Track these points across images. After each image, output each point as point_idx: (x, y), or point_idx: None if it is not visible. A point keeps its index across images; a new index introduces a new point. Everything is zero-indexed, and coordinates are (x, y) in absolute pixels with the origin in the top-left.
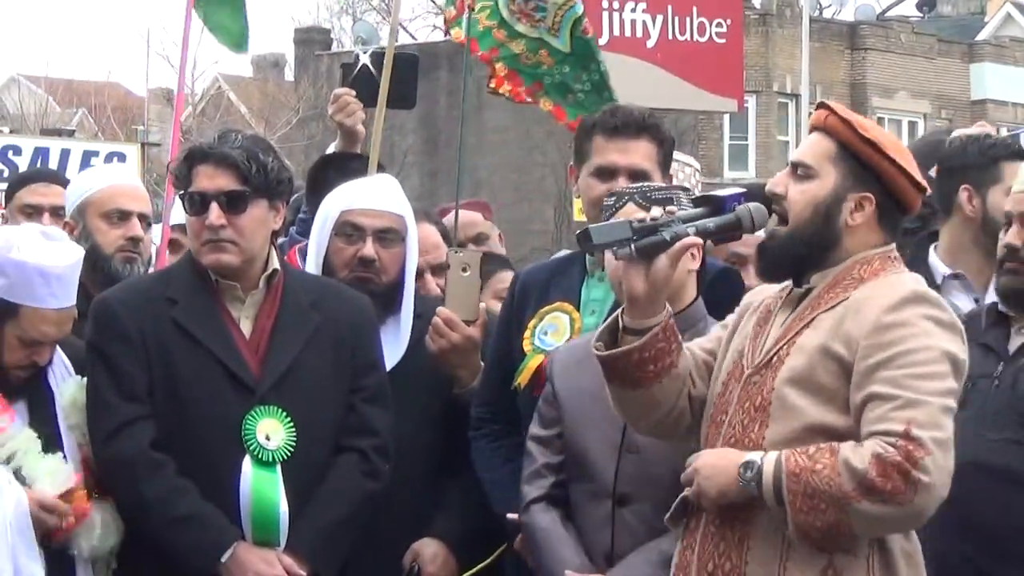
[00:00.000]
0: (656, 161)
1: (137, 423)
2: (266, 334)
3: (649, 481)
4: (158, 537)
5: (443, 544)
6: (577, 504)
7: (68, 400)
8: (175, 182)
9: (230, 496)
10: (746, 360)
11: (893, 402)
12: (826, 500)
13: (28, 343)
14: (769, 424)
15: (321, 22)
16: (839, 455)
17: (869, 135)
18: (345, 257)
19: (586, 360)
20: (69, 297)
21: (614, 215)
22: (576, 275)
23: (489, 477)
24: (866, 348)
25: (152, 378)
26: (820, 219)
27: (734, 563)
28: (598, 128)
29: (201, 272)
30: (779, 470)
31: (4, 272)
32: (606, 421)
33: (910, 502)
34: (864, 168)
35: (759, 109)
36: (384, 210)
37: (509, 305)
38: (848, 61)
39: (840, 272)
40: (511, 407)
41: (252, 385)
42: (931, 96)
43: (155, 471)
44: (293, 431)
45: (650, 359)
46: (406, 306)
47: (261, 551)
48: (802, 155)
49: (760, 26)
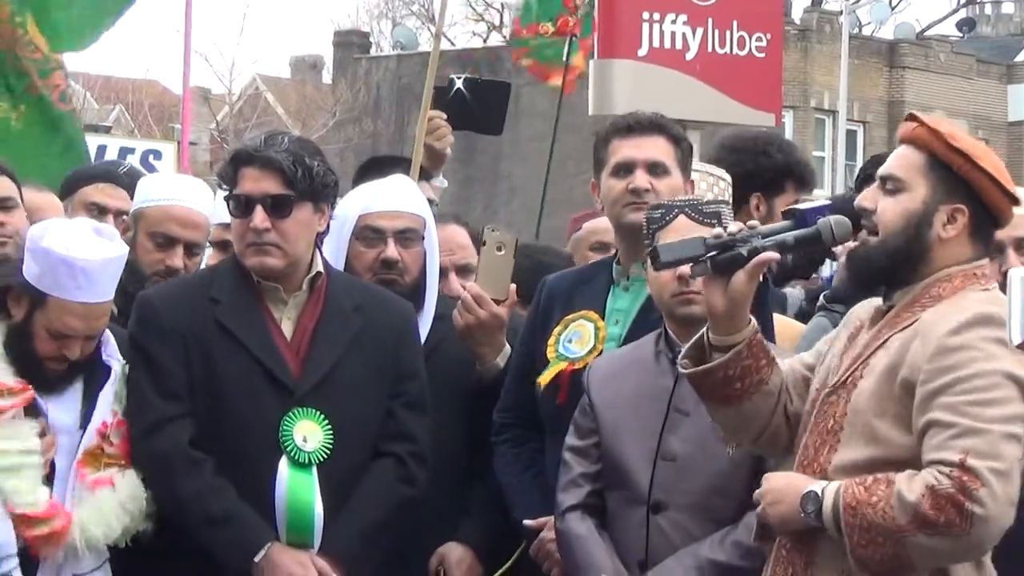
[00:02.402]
0: (674, 158)
1: (175, 421)
2: (307, 336)
3: (684, 489)
4: (193, 534)
5: (468, 548)
6: (612, 511)
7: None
8: (220, 182)
9: (266, 496)
10: (831, 378)
11: (951, 430)
12: (882, 533)
13: (55, 335)
14: (838, 448)
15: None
16: (894, 487)
17: (960, 145)
18: (367, 260)
19: (623, 371)
20: (99, 293)
21: (662, 227)
22: (602, 284)
23: (510, 482)
24: (928, 372)
25: (192, 376)
26: (912, 232)
27: None
28: (613, 133)
29: (245, 273)
30: (837, 502)
31: (36, 260)
32: (642, 430)
33: (966, 534)
34: (955, 179)
35: (796, 124)
36: (402, 211)
37: (535, 311)
38: (886, 79)
39: (919, 290)
40: (534, 413)
41: (291, 386)
42: (968, 116)
43: (192, 469)
44: (331, 434)
45: (736, 376)
46: (428, 304)
47: (295, 552)
48: (891, 168)
49: (800, 41)
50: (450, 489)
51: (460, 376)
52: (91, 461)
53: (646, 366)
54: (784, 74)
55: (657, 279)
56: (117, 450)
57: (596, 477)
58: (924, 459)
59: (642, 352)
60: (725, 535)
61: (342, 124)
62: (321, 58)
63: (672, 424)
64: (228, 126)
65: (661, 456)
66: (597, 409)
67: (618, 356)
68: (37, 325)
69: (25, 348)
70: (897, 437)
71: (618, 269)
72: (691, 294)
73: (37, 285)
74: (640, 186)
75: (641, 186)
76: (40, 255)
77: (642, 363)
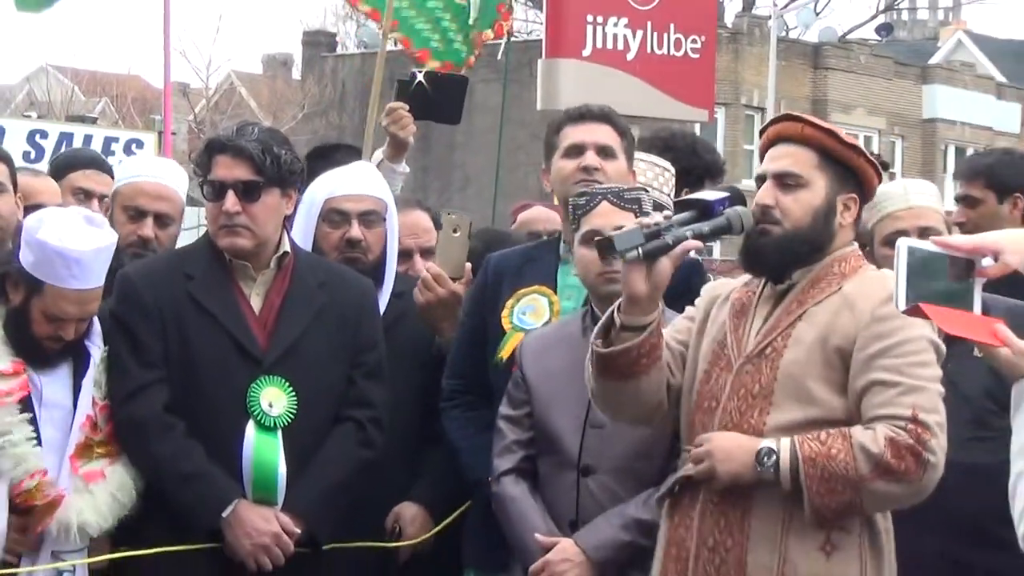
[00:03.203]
0: (620, 145)
1: (152, 387)
2: (274, 310)
3: (610, 454)
4: (166, 492)
5: (421, 507)
6: (545, 476)
7: (99, 363)
8: (196, 169)
9: (234, 458)
10: (731, 351)
11: (896, 388)
12: (843, 482)
13: (51, 318)
14: (770, 411)
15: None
16: (852, 440)
17: (851, 141)
18: (333, 240)
19: (553, 346)
20: (91, 280)
21: (588, 212)
22: (550, 261)
23: (463, 446)
24: (864, 339)
25: (167, 347)
26: (820, 223)
27: (736, 539)
28: (566, 120)
29: (217, 252)
30: (795, 456)
31: (32, 250)
32: (572, 400)
33: (919, 480)
34: (847, 171)
35: (728, 120)
36: (365, 194)
37: (482, 286)
38: (811, 79)
39: (820, 269)
40: (483, 380)
41: (259, 356)
42: (886, 114)
43: (165, 432)
44: (295, 400)
45: (644, 353)
46: (387, 281)
47: (260, 509)
48: (787, 167)
49: (731, 44)
50: (406, 454)
51: (417, 349)
52: (83, 453)
53: (574, 341)
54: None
55: (583, 259)
56: (105, 436)
57: (528, 444)
58: (869, 415)
59: (570, 328)
60: (648, 496)
61: (310, 117)
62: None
63: None
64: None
65: (589, 424)
66: (529, 381)
67: (548, 332)
68: (34, 309)
69: (23, 330)
70: (831, 399)
71: (565, 247)
72: (614, 273)
73: (33, 273)
74: (591, 164)
75: (592, 164)
76: (36, 246)
77: (570, 339)
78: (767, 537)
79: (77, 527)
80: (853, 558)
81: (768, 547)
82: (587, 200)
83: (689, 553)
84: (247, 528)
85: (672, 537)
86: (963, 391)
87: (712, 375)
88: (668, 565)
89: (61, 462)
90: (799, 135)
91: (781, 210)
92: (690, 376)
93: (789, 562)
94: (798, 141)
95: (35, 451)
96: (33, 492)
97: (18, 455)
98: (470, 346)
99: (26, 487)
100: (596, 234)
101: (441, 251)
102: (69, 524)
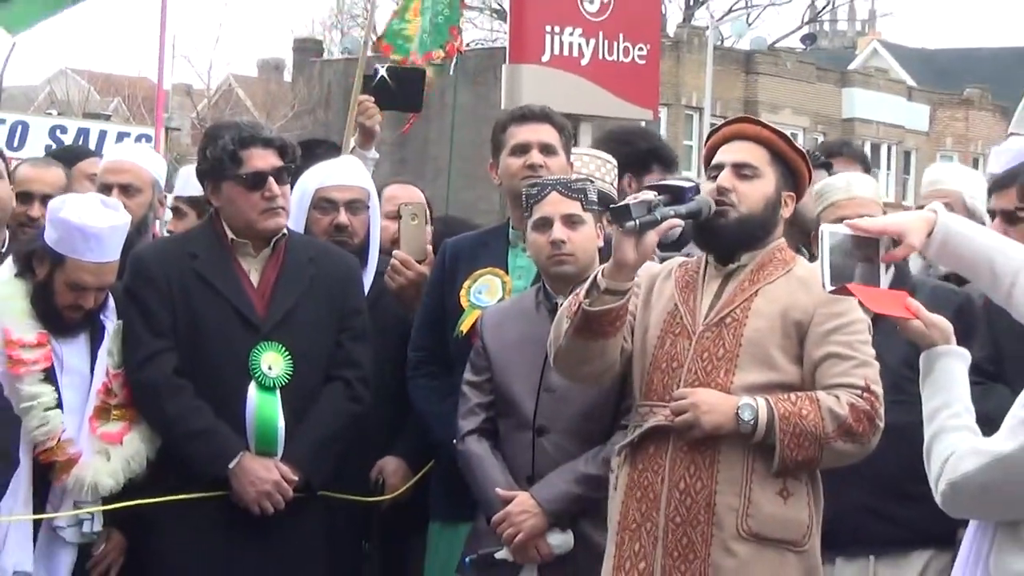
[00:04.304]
0: (560, 142)
1: (162, 354)
2: (271, 283)
3: (562, 416)
4: (178, 448)
5: (402, 460)
6: (504, 435)
7: (112, 335)
8: (220, 160)
9: (238, 415)
10: (686, 319)
11: (851, 361)
12: (810, 439)
13: (72, 288)
14: (736, 372)
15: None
16: (820, 403)
17: (799, 147)
18: (323, 226)
19: (510, 320)
20: (107, 253)
21: (539, 201)
22: (500, 245)
23: (430, 410)
24: (821, 316)
25: (175, 317)
26: (769, 211)
27: (704, 483)
28: (509, 121)
29: (219, 233)
30: (771, 414)
31: (55, 227)
32: (528, 367)
33: (868, 442)
34: (791, 172)
35: (670, 119)
36: (352, 184)
37: (441, 268)
38: (743, 82)
39: (766, 254)
40: (444, 352)
41: (258, 324)
42: (810, 114)
43: (176, 393)
44: (291, 362)
45: (618, 315)
46: (371, 260)
47: (262, 459)
48: (745, 158)
49: (673, 51)
50: (387, 415)
51: (398, 321)
52: (100, 415)
53: (528, 315)
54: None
55: (535, 243)
56: (121, 399)
57: (489, 407)
58: (828, 382)
59: (524, 303)
60: (596, 453)
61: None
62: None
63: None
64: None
65: (543, 389)
66: (489, 351)
67: (505, 307)
68: (57, 281)
69: (48, 301)
70: (786, 365)
71: (515, 233)
72: (563, 256)
73: (56, 248)
74: (536, 162)
75: (537, 162)
76: (59, 224)
77: (525, 313)
78: (733, 482)
79: (91, 485)
80: (803, 503)
81: (734, 491)
82: (538, 190)
83: (658, 495)
84: (251, 477)
85: (637, 481)
86: (885, 361)
87: (667, 340)
88: (630, 504)
89: (80, 422)
90: (755, 135)
91: (738, 195)
92: (639, 341)
93: (753, 504)
94: (754, 139)
95: (57, 414)
96: (54, 450)
97: (43, 417)
98: (431, 322)
99: (47, 446)
100: (546, 220)
101: (404, 239)
102: (83, 481)
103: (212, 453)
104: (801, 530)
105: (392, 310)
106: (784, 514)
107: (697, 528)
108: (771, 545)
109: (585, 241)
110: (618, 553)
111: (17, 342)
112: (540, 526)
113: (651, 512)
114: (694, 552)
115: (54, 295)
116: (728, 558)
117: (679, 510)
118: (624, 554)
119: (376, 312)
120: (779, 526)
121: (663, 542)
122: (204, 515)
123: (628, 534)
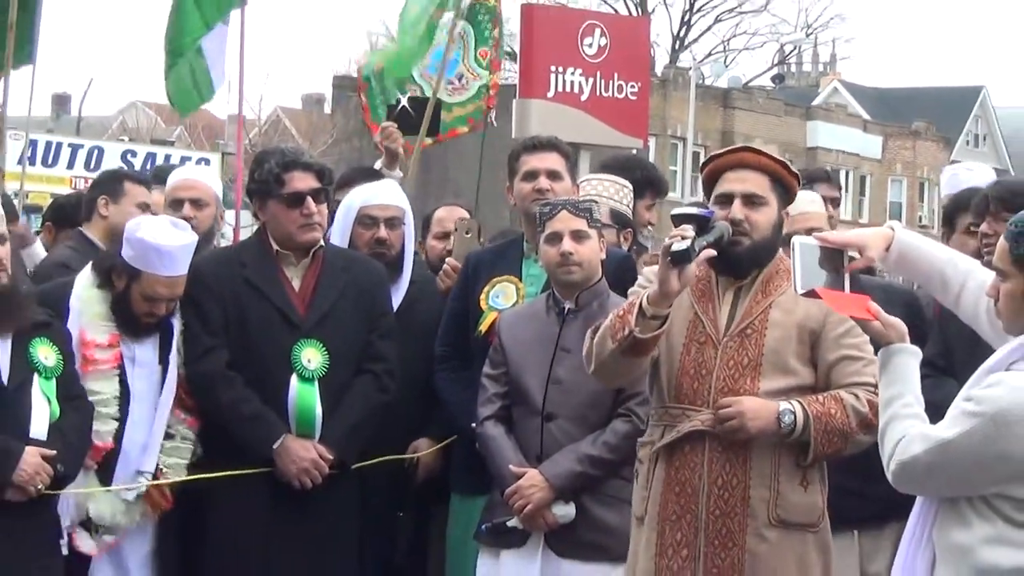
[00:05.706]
0: (566, 168)
1: (216, 350)
2: (310, 288)
3: (568, 404)
4: (230, 431)
5: (434, 441)
6: (517, 421)
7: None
8: (266, 181)
9: (281, 403)
10: (709, 329)
11: (861, 361)
12: (839, 435)
13: (147, 299)
14: (760, 379)
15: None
16: (844, 402)
17: (794, 170)
18: (365, 239)
19: (523, 321)
20: (177, 268)
21: (551, 218)
22: (515, 256)
23: (453, 399)
24: (832, 323)
25: (227, 318)
26: (775, 234)
27: (740, 478)
28: (522, 150)
29: (266, 245)
30: (807, 416)
31: (132, 246)
32: (538, 363)
33: (877, 432)
34: (787, 194)
35: (657, 148)
36: (391, 204)
37: (464, 276)
38: (722, 116)
39: (771, 267)
40: (466, 348)
41: (299, 323)
42: (779, 143)
43: (229, 383)
44: (328, 357)
45: (660, 337)
46: (405, 271)
47: (302, 441)
48: (753, 189)
49: (661, 89)
50: (417, 405)
51: (428, 325)
52: (179, 404)
53: (539, 317)
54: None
55: (546, 254)
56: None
57: (505, 396)
58: (844, 381)
59: (536, 307)
60: (597, 436)
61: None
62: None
63: (558, 358)
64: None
65: (552, 381)
66: (505, 348)
67: (519, 311)
68: (134, 293)
69: (126, 310)
70: (801, 369)
71: (528, 246)
72: (571, 266)
73: (133, 264)
74: (543, 187)
75: (544, 187)
76: (136, 243)
77: (536, 315)
78: (764, 475)
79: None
80: (817, 490)
81: (765, 484)
82: (550, 209)
83: (696, 490)
84: (292, 456)
85: (675, 478)
86: None
87: (692, 348)
88: (669, 498)
89: (149, 408)
90: (756, 163)
91: (750, 224)
92: (664, 347)
93: (781, 494)
94: (755, 168)
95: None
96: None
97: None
98: (455, 322)
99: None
100: (557, 235)
101: (457, 247)
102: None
103: (259, 435)
104: (817, 513)
105: (424, 313)
106: (805, 501)
107: (735, 519)
108: (795, 529)
109: (590, 253)
110: (660, 541)
111: (91, 343)
112: (547, 499)
113: (690, 505)
114: (732, 540)
115: (131, 304)
116: (761, 543)
117: (718, 504)
118: (666, 542)
119: (409, 316)
120: (802, 512)
121: (704, 532)
122: (252, 489)
123: (668, 524)
